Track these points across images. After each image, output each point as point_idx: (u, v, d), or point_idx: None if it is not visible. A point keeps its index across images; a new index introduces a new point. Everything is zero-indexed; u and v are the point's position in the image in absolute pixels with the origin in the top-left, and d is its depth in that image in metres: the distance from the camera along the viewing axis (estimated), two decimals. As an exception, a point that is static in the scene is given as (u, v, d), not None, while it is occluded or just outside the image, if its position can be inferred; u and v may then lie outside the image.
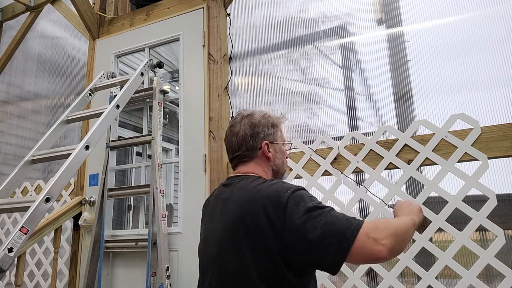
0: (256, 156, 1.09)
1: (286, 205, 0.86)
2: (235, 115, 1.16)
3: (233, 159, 1.12)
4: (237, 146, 1.09)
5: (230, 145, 1.12)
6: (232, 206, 0.97)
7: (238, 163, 1.11)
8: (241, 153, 1.08)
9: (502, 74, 1.56)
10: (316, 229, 0.81)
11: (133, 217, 2.55)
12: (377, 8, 1.89)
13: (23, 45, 3.26)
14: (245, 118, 1.11)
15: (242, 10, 2.28)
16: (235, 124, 1.11)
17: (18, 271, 1.82)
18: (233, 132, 1.11)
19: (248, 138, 1.08)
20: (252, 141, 1.08)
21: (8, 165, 3.09)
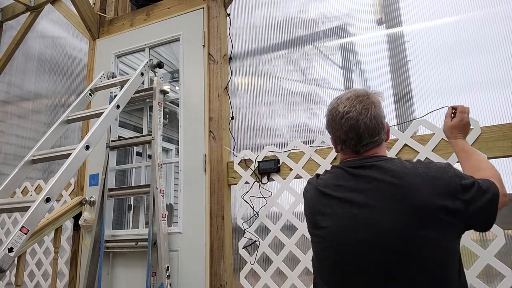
0: (384, 138, 1.04)
1: None
2: (353, 94, 1.02)
3: (370, 143, 0.99)
4: (377, 129, 0.99)
5: (367, 128, 0.97)
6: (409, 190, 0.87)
7: (374, 147, 1.01)
8: (380, 136, 1.00)
9: (502, 74, 1.56)
10: None
11: (133, 217, 2.55)
12: (377, 9, 1.90)
13: (24, 45, 3.26)
14: (369, 98, 1.00)
15: (242, 10, 2.28)
16: (367, 106, 0.99)
17: (18, 271, 1.82)
18: (370, 115, 0.97)
19: (383, 120, 1.01)
20: (384, 123, 1.02)
21: (8, 165, 3.10)
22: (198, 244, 1.91)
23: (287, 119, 2.01)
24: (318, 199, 1.02)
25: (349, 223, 0.91)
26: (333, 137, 1.07)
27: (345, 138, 1.01)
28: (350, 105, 1.00)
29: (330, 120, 1.05)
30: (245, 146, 2.06)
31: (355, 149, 1.01)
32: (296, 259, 1.71)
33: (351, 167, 0.99)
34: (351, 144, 1.01)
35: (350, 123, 0.99)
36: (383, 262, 0.85)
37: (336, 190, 0.98)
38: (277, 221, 1.79)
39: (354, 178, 0.96)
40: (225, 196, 1.94)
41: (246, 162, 1.94)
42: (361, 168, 0.97)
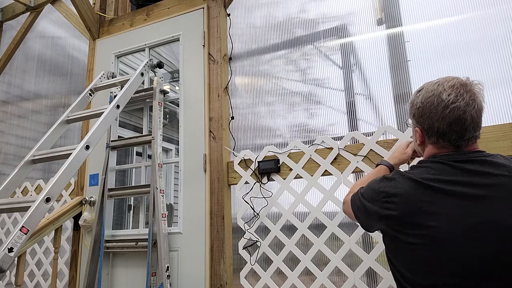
0: None
1: None
2: (458, 83, 0.92)
3: (472, 138, 0.92)
4: (480, 123, 0.92)
5: (473, 122, 0.90)
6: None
7: (474, 142, 0.94)
8: (480, 131, 0.93)
9: (502, 74, 1.56)
10: None
11: (133, 217, 2.55)
12: (377, 8, 1.90)
13: (23, 45, 3.26)
14: (473, 88, 0.92)
15: (242, 10, 2.28)
16: (474, 97, 0.90)
17: (18, 271, 1.82)
18: (476, 107, 0.89)
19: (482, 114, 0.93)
20: None
21: (8, 165, 3.10)
22: (198, 244, 1.91)
23: (287, 119, 2.01)
24: (419, 194, 0.88)
25: (473, 221, 0.81)
26: (426, 127, 0.95)
27: (447, 130, 0.90)
28: (457, 94, 0.90)
29: (427, 108, 0.94)
30: (245, 146, 2.06)
31: (456, 143, 0.91)
32: (296, 259, 1.71)
33: (456, 161, 0.89)
34: (452, 138, 0.91)
35: (456, 114, 0.89)
36: None
37: (447, 184, 0.86)
38: (277, 221, 1.79)
39: (466, 173, 0.87)
40: (225, 196, 1.94)
41: (246, 162, 1.94)
42: (470, 162, 0.88)
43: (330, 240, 1.67)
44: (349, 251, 1.60)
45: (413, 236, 0.86)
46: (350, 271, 1.58)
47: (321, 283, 1.63)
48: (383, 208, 0.94)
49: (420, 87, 1.01)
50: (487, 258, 0.79)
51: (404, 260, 0.90)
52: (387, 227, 0.94)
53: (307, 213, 1.73)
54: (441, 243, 0.82)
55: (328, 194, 1.69)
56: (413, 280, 0.87)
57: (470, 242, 0.80)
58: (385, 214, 0.93)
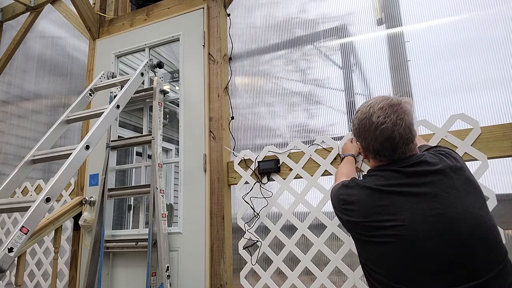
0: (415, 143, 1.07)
1: None
2: (386, 104, 1.02)
3: (405, 151, 1.02)
4: (411, 137, 1.01)
5: (402, 138, 1.00)
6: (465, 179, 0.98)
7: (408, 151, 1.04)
8: (413, 143, 1.03)
9: (502, 74, 1.56)
10: None
11: (133, 217, 2.55)
12: (377, 8, 1.90)
13: (23, 45, 3.26)
14: (401, 108, 1.01)
15: (242, 10, 2.28)
16: (401, 116, 1.00)
17: (18, 271, 1.82)
18: (404, 125, 1.00)
19: (414, 128, 1.04)
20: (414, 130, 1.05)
21: (8, 165, 3.10)
22: (198, 244, 1.91)
23: (287, 119, 2.01)
24: (375, 200, 0.98)
25: (425, 216, 0.91)
26: (364, 146, 1.07)
27: (380, 148, 1.02)
28: (385, 116, 1.00)
29: (361, 129, 1.05)
30: (245, 146, 2.06)
31: (392, 158, 1.03)
32: (296, 259, 1.71)
33: (400, 167, 1.00)
34: (386, 154, 1.02)
35: (386, 134, 0.99)
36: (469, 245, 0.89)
37: (397, 187, 0.97)
38: (277, 221, 1.79)
39: (410, 176, 0.98)
40: (225, 196, 1.94)
41: (246, 162, 1.94)
42: (410, 166, 0.99)
43: (330, 240, 1.67)
44: (349, 251, 1.60)
45: (377, 237, 0.95)
46: (350, 271, 1.58)
47: (321, 283, 1.63)
48: (344, 214, 1.06)
49: (359, 107, 1.12)
50: (446, 249, 0.88)
51: (373, 260, 0.98)
52: (351, 231, 1.06)
53: (307, 213, 1.73)
54: (403, 240, 0.91)
55: (328, 194, 1.69)
56: (383, 278, 0.95)
57: (427, 236, 0.89)
58: (346, 220, 1.05)
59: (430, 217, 0.90)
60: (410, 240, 0.90)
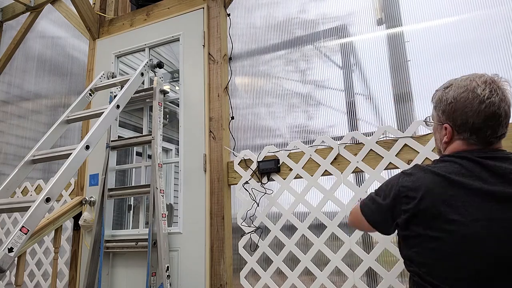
0: None
1: None
2: (488, 79, 0.92)
3: (502, 135, 0.93)
4: (509, 120, 0.92)
5: (506, 117, 0.91)
6: None
7: (500, 140, 0.95)
8: (508, 129, 0.93)
9: (502, 74, 1.55)
10: None
11: (133, 217, 2.55)
12: (377, 8, 1.90)
13: (23, 45, 3.26)
14: (502, 85, 0.93)
15: (242, 10, 2.28)
16: (504, 93, 0.91)
17: (18, 271, 1.82)
18: (509, 103, 0.91)
19: None
20: None
21: (8, 165, 3.10)
22: (198, 244, 1.91)
23: (287, 119, 2.01)
24: (442, 188, 0.87)
25: (493, 218, 0.82)
26: (460, 122, 0.93)
27: (482, 125, 0.90)
28: (491, 89, 0.90)
29: (460, 103, 0.92)
30: (245, 146, 2.06)
31: (489, 140, 0.91)
32: (296, 259, 1.71)
33: (480, 157, 0.89)
34: (487, 134, 0.90)
35: (492, 109, 0.88)
36: None
37: (469, 179, 0.87)
38: (277, 221, 1.79)
39: (488, 170, 0.87)
40: (225, 196, 1.94)
41: (246, 162, 1.94)
42: (492, 159, 0.89)
43: (330, 240, 1.67)
44: (349, 251, 1.60)
45: (436, 230, 0.85)
46: (350, 271, 1.58)
47: (321, 283, 1.63)
48: (404, 203, 0.92)
49: (446, 84, 1.00)
50: (506, 256, 0.80)
51: (427, 255, 0.88)
52: (407, 222, 0.92)
53: (307, 213, 1.73)
54: (464, 238, 0.82)
55: (328, 194, 1.69)
56: (436, 275, 0.86)
57: (490, 239, 0.81)
58: (405, 209, 0.91)
59: (499, 221, 0.82)
60: (469, 239, 0.82)
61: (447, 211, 0.85)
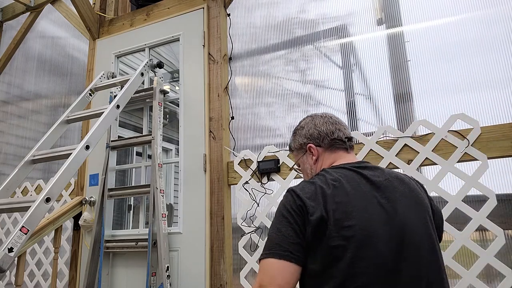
0: None
1: None
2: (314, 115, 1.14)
3: (350, 140, 1.09)
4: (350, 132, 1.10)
5: (347, 127, 1.11)
6: (415, 191, 0.96)
7: (352, 148, 1.10)
8: (353, 141, 1.11)
9: (502, 74, 1.56)
10: None
11: (133, 217, 2.55)
12: (377, 8, 1.90)
13: (23, 45, 3.26)
14: None
15: (242, 10, 2.28)
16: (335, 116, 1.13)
17: (18, 271, 1.82)
18: (342, 121, 1.12)
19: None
20: None
21: (8, 165, 3.10)
22: (198, 244, 1.91)
23: (287, 119, 2.01)
24: (331, 196, 0.89)
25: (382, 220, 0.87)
26: (317, 135, 1.09)
27: (332, 128, 1.08)
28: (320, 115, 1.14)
29: (310, 125, 1.10)
30: (245, 146, 2.06)
31: (346, 138, 1.07)
32: (296, 259, 1.71)
33: (354, 167, 0.98)
34: (340, 134, 1.07)
35: (334, 119, 1.10)
36: None
37: (354, 186, 0.92)
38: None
39: (366, 177, 0.94)
40: (225, 196, 1.94)
41: (246, 162, 1.94)
42: (365, 169, 0.98)
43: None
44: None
45: (334, 239, 0.84)
46: (350, 271, 1.58)
47: (321, 283, 1.63)
48: (300, 217, 0.88)
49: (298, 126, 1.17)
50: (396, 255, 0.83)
51: (328, 264, 0.85)
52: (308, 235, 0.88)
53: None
54: (360, 242, 0.83)
55: (328, 194, 1.69)
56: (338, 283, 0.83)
57: (383, 239, 0.84)
58: (306, 221, 0.88)
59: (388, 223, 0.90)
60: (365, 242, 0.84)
61: (342, 218, 0.86)
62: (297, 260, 0.85)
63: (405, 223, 0.87)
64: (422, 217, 0.91)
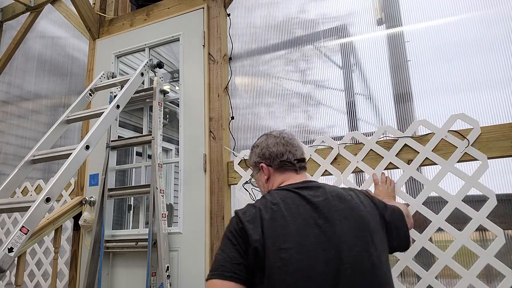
0: None
1: None
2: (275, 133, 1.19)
3: (301, 161, 1.13)
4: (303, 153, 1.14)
5: (300, 148, 1.15)
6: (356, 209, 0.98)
7: (303, 168, 1.14)
8: (305, 162, 1.15)
9: (502, 74, 1.56)
10: None
11: (133, 217, 2.55)
12: (377, 8, 1.90)
13: (24, 45, 3.26)
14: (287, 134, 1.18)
15: (242, 10, 2.28)
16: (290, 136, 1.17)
17: (18, 271, 1.82)
18: (295, 139, 1.16)
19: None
20: None
21: (8, 165, 3.10)
22: (198, 244, 1.91)
23: (287, 119, 2.01)
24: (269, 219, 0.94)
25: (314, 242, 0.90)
26: (268, 155, 1.13)
27: (282, 150, 1.13)
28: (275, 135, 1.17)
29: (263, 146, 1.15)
30: (245, 146, 2.06)
31: (295, 159, 1.11)
32: (296, 259, 1.71)
33: (296, 188, 1.03)
34: (290, 157, 1.11)
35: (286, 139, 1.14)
36: None
37: (290, 209, 0.96)
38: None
39: (305, 199, 0.98)
40: (225, 196, 1.94)
41: (246, 162, 1.94)
42: (306, 189, 1.02)
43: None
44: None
45: (271, 261, 0.87)
46: (350, 271, 1.58)
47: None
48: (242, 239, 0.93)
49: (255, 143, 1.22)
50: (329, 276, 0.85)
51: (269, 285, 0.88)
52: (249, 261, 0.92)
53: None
54: (297, 264, 0.86)
55: (328, 194, 1.69)
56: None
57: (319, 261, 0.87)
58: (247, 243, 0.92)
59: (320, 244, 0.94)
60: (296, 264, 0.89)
61: (278, 241, 0.90)
62: (241, 280, 0.89)
63: (342, 244, 0.89)
64: (362, 236, 0.92)
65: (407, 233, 1.10)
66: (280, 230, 0.91)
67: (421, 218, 1.51)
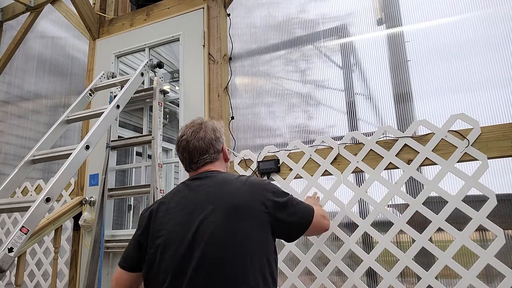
0: (220, 157, 1.27)
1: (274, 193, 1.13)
2: (190, 123, 1.27)
3: (200, 161, 1.22)
4: (205, 148, 1.22)
5: (195, 149, 1.22)
6: (231, 194, 1.08)
7: (206, 163, 1.23)
8: (209, 155, 1.23)
9: (502, 74, 1.56)
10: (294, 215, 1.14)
11: (133, 217, 2.55)
12: (377, 8, 1.90)
13: (23, 45, 3.26)
14: (204, 124, 1.25)
15: (242, 10, 2.28)
16: (197, 130, 1.23)
17: (18, 271, 1.82)
18: (198, 137, 1.22)
19: (214, 142, 1.24)
20: (217, 144, 1.24)
21: (8, 165, 3.10)
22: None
23: (287, 119, 2.01)
24: (158, 211, 1.13)
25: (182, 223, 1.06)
26: (184, 164, 1.27)
27: (181, 157, 1.25)
28: (184, 131, 1.24)
29: (177, 144, 1.26)
30: (245, 146, 2.06)
31: (190, 167, 1.23)
32: (296, 259, 1.71)
33: (189, 180, 1.19)
34: (187, 163, 1.24)
35: (182, 145, 1.23)
36: None
37: (176, 200, 1.13)
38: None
39: (191, 189, 1.14)
40: (225, 196, 1.94)
41: (246, 162, 1.94)
42: (196, 179, 1.17)
43: (330, 240, 1.67)
44: (349, 251, 1.60)
45: (150, 248, 1.07)
46: (350, 271, 1.58)
47: (321, 283, 1.63)
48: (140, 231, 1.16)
49: None
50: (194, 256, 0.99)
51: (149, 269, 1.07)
52: None
53: (307, 213, 1.73)
54: (163, 248, 1.04)
55: (328, 194, 1.69)
56: None
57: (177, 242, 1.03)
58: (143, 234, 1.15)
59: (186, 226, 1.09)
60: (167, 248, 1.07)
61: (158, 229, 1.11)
62: (131, 268, 1.14)
63: (201, 226, 1.02)
64: (225, 215, 1.03)
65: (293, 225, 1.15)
66: (161, 219, 1.11)
67: (421, 218, 1.51)
